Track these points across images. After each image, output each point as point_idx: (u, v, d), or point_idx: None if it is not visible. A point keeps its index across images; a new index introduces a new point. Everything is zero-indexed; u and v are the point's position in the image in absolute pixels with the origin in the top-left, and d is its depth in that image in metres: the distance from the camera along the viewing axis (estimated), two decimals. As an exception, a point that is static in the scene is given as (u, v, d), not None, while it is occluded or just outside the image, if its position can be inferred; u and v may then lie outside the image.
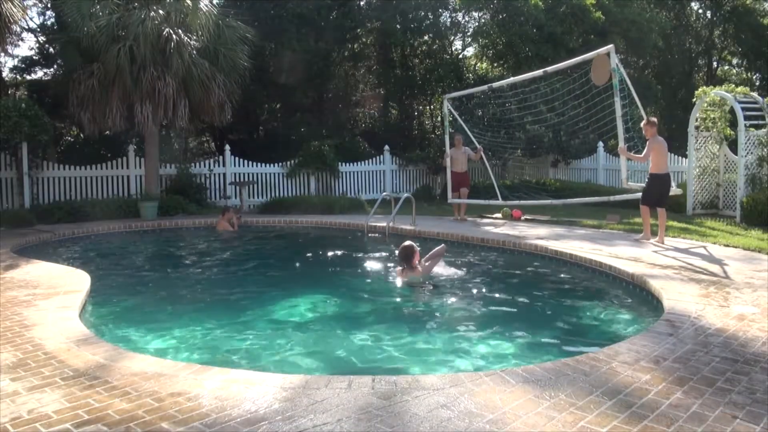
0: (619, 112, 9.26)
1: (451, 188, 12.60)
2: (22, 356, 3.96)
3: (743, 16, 23.76)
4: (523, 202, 12.34)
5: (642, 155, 8.98)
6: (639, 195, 9.19)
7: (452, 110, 13.22)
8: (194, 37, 13.58)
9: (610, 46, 9.68)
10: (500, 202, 12.54)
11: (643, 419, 2.97)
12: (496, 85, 13.08)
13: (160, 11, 13.14)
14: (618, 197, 10.67)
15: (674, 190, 9.97)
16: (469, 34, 22.73)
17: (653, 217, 8.99)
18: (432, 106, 23.42)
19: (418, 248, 7.01)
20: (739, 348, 4.06)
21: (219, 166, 15.64)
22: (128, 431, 2.87)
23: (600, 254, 7.67)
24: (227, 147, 15.85)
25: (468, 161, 12.71)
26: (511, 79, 13.04)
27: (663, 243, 8.56)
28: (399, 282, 6.94)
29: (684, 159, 13.31)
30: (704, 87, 13.21)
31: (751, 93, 12.14)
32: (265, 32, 16.87)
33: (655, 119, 9.12)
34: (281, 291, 6.96)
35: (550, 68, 11.51)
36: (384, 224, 10.71)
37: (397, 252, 7.22)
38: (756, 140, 11.36)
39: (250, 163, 15.87)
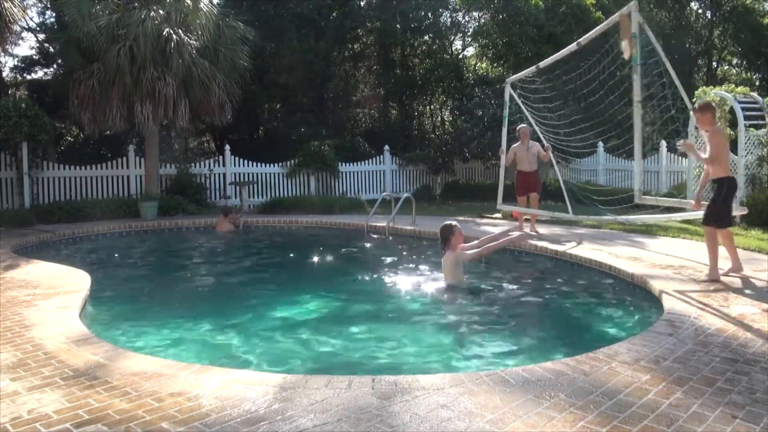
0: (638, 96, 7.07)
1: (516, 191, 10.28)
2: (22, 356, 3.96)
3: (743, 16, 23.78)
4: (600, 218, 9.73)
5: (708, 154, 6.17)
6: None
7: (515, 96, 10.98)
8: (194, 37, 13.58)
9: (632, 2, 7.20)
10: (571, 215, 10.23)
11: (643, 419, 2.97)
12: (542, 64, 10.58)
13: (160, 11, 13.15)
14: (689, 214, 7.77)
15: (739, 209, 7.69)
16: (469, 34, 22.76)
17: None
18: (432, 106, 23.43)
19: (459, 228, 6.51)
20: (739, 348, 4.06)
21: (219, 166, 15.64)
22: (128, 431, 2.87)
23: (600, 254, 7.67)
24: (227, 147, 15.85)
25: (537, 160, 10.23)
26: (554, 57, 10.37)
27: (742, 270, 6.30)
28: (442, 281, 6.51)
29: (684, 159, 13.29)
30: (704, 87, 13.22)
31: (751, 93, 12.14)
32: (266, 32, 16.89)
33: (710, 102, 6.62)
34: (281, 291, 6.96)
35: (583, 39, 9.56)
36: (384, 224, 10.72)
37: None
38: (756, 140, 11.36)
39: (250, 163, 15.88)
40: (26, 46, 37.79)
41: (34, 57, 19.34)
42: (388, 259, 8.71)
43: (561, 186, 10.97)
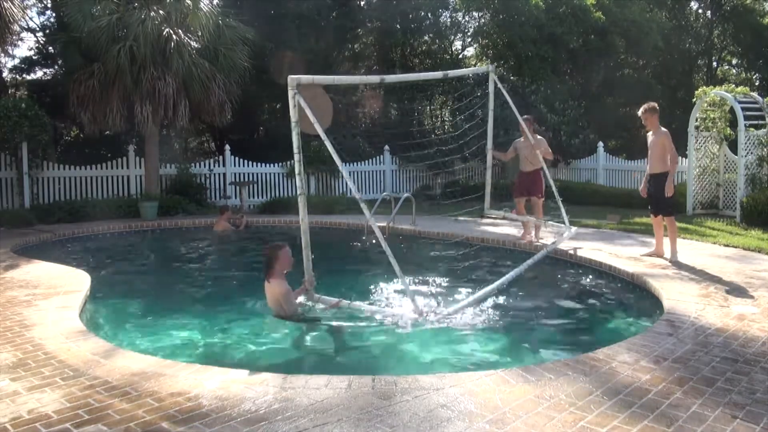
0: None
1: (513, 193, 9.36)
2: (22, 356, 3.96)
3: (743, 16, 23.75)
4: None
5: (670, 159, 7.20)
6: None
7: (499, 83, 9.17)
8: (194, 38, 13.58)
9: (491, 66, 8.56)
10: (566, 229, 8.83)
11: (643, 419, 2.97)
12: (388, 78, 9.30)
13: (160, 11, 13.14)
14: None
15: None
16: (469, 34, 22.74)
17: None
18: (432, 106, 23.42)
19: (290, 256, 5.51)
20: (739, 348, 4.06)
21: (219, 166, 15.64)
22: (128, 431, 2.87)
23: (600, 254, 7.67)
24: (227, 147, 15.84)
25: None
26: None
27: (663, 255, 7.36)
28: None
29: (684, 159, 13.30)
30: (704, 87, 13.22)
31: (751, 93, 12.14)
32: (266, 32, 16.87)
33: (654, 105, 7.46)
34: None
35: (451, 72, 9.48)
36: (384, 224, 10.71)
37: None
38: (756, 140, 11.36)
39: (250, 163, 15.87)
40: (26, 47, 37.84)
41: (34, 57, 19.33)
42: (388, 259, 8.70)
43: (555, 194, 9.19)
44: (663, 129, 7.38)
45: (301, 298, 5.78)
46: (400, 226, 10.73)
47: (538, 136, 9.09)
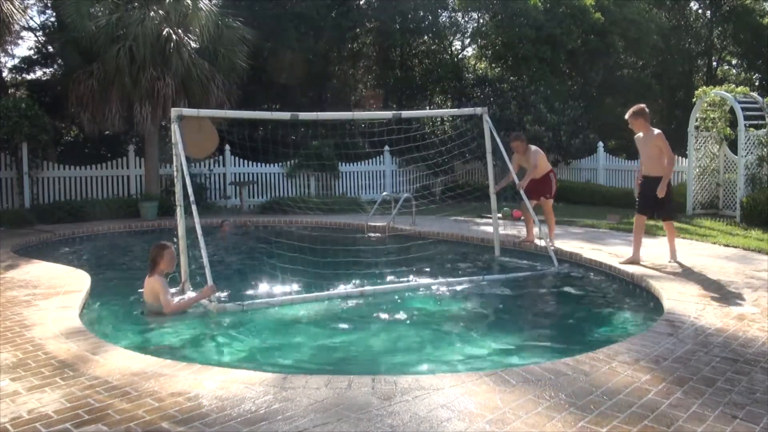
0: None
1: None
2: (22, 356, 3.96)
3: (742, 16, 23.75)
4: None
5: (666, 161, 6.97)
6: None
7: (492, 126, 8.68)
8: (194, 38, 13.57)
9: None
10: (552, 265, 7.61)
11: (643, 419, 2.97)
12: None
13: (160, 11, 13.14)
14: None
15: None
16: (468, 34, 22.74)
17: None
18: (431, 107, 23.43)
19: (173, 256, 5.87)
20: (739, 348, 4.06)
21: (219, 166, 15.64)
22: (128, 431, 2.87)
23: (599, 254, 7.67)
24: (227, 147, 15.84)
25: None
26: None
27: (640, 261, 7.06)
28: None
29: (684, 159, 13.30)
30: (704, 87, 13.22)
31: (751, 93, 12.14)
32: (265, 32, 16.87)
33: (642, 107, 7.13)
34: (280, 291, 6.95)
35: (405, 113, 9.11)
36: (384, 224, 10.73)
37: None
38: (756, 140, 11.36)
39: (250, 163, 15.87)
40: (25, 46, 37.85)
41: (33, 57, 19.34)
42: (388, 259, 8.71)
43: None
44: (656, 130, 7.01)
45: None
46: (399, 226, 10.74)
47: (533, 148, 8.86)
